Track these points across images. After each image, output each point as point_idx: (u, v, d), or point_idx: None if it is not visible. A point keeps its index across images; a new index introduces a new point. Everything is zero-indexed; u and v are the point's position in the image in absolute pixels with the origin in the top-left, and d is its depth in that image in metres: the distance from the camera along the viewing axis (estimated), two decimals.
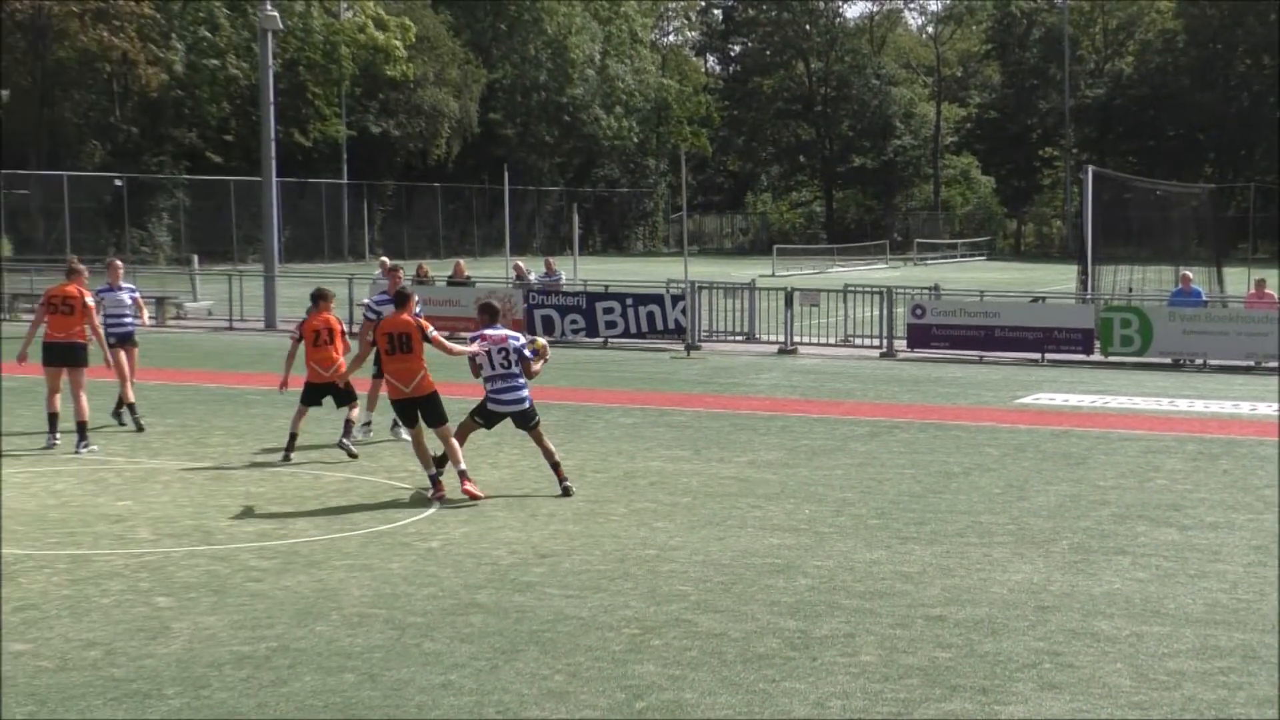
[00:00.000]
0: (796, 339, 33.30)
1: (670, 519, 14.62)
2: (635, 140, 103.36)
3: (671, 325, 33.65)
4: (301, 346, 18.19)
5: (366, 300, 21.80)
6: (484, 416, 16.14)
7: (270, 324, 37.96)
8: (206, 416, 21.40)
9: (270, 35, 41.10)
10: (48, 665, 9.70)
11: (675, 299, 33.94)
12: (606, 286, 37.28)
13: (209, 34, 70.85)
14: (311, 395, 18.01)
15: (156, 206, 70.17)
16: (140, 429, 19.92)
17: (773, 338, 34.05)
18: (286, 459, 17.55)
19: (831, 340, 33.88)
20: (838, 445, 19.47)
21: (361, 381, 18.59)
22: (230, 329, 37.80)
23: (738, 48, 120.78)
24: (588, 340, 34.25)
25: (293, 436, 17.84)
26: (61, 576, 12.01)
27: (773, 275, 60.99)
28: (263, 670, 9.66)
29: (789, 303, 33.31)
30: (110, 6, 65.92)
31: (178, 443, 19.04)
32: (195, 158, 73.11)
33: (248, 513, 14.71)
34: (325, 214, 78.68)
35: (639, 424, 21.33)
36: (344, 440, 17.85)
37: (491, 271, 51.81)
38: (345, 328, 18.86)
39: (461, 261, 40.41)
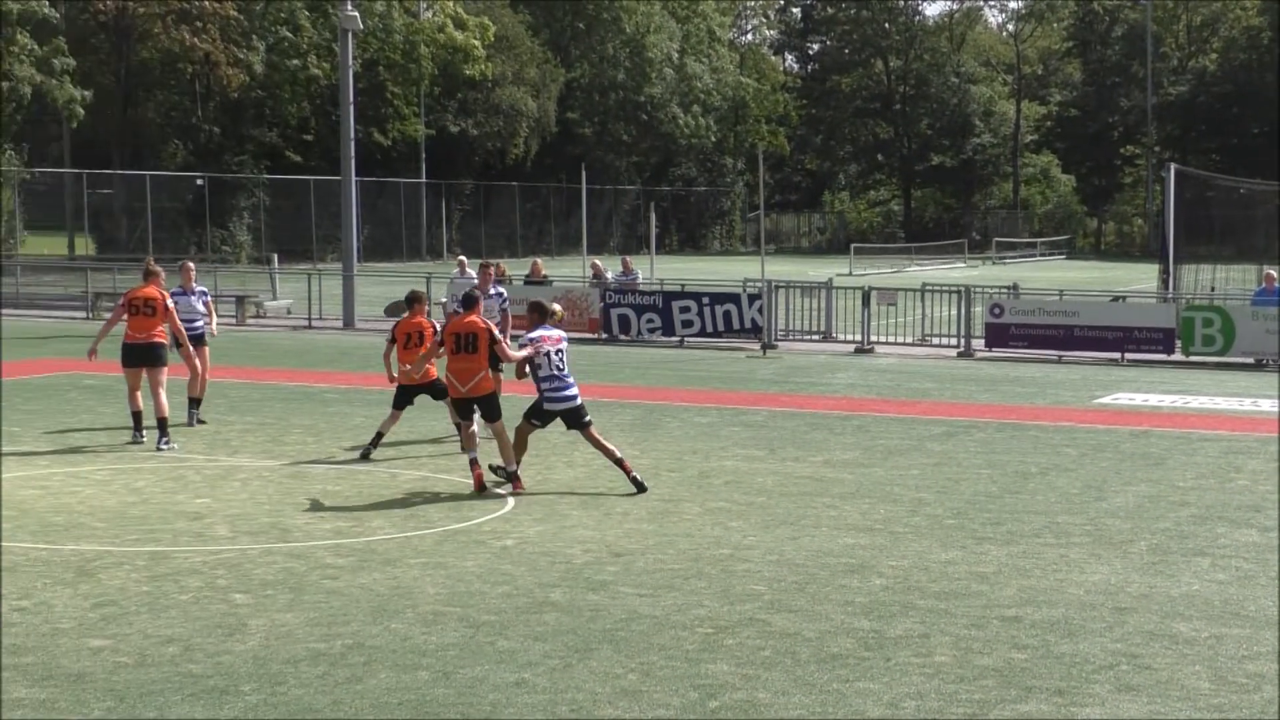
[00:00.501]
0: (873, 338, 33.17)
1: (745, 518, 14.59)
2: (712, 139, 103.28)
3: (748, 324, 33.59)
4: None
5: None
6: (539, 417, 16.29)
7: (349, 323, 38.19)
8: (285, 415, 21.55)
9: (350, 35, 41.35)
10: (126, 661, 9.80)
11: (752, 298, 33.88)
12: (683, 285, 37.26)
13: (290, 34, 71.40)
14: (403, 397, 18.12)
15: (237, 206, 70.80)
16: (193, 424, 20.00)
17: (849, 337, 33.93)
18: (366, 457, 17.65)
19: (908, 339, 33.73)
20: (914, 445, 19.37)
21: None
22: (309, 328, 38.05)
23: (816, 46, 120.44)
24: (664, 339, 34.25)
25: (379, 435, 17.97)
26: (141, 573, 12.13)
27: (850, 274, 60.78)
28: (338, 667, 9.72)
29: (866, 302, 33.18)
30: (193, 7, 66.57)
31: (256, 441, 19.19)
32: (275, 157, 73.71)
33: (324, 511, 14.80)
34: (403, 213, 79.11)
35: (714, 423, 21.30)
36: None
37: (568, 271, 51.93)
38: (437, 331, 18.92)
39: (538, 260, 40.51)
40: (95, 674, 9.52)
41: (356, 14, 41.85)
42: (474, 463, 15.96)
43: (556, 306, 17.37)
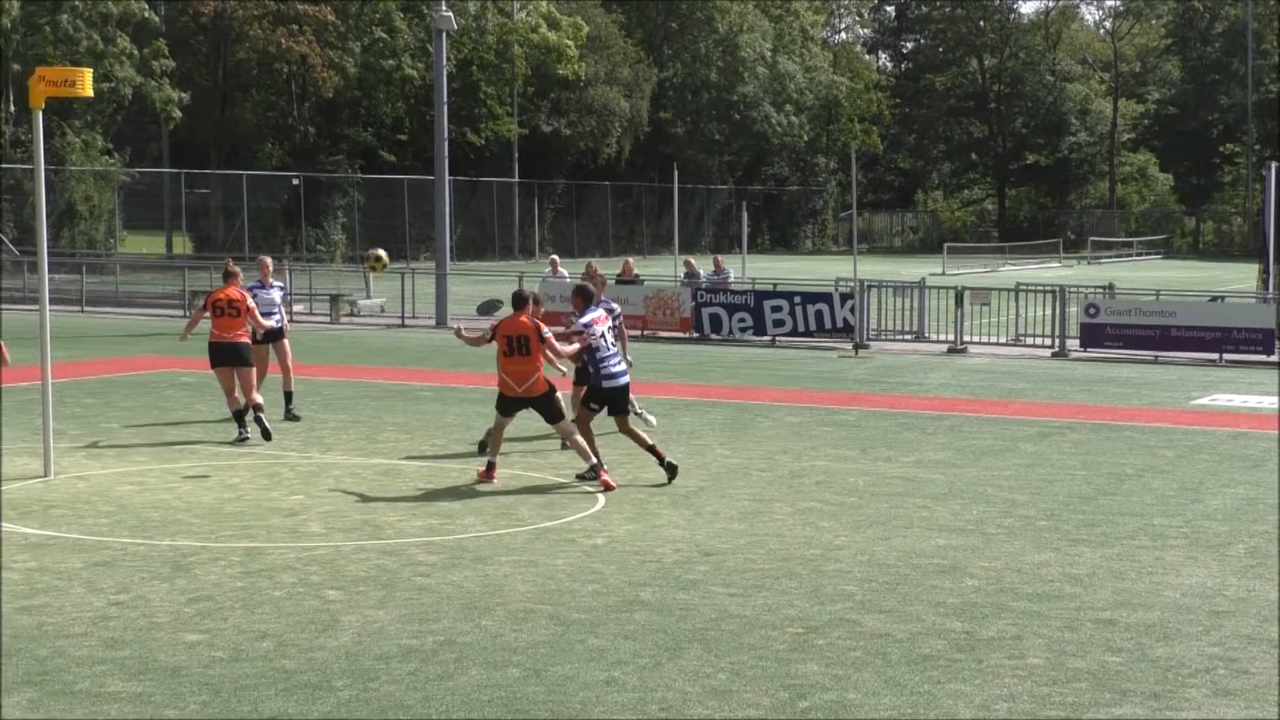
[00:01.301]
0: (966, 338, 32.96)
1: (835, 518, 14.54)
2: (805, 138, 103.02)
3: (840, 324, 33.46)
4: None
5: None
6: (598, 400, 16.50)
7: (441, 321, 38.37)
8: (378, 413, 21.70)
9: (444, 35, 41.56)
10: (221, 655, 9.90)
11: (844, 297, 33.75)
12: (775, 285, 37.18)
13: (385, 35, 71.91)
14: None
15: (331, 205, 71.37)
16: (244, 428, 19.66)
17: (942, 337, 33.73)
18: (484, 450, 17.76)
19: (1002, 339, 33.48)
20: (1007, 446, 19.22)
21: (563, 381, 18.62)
22: (402, 326, 38.29)
23: (910, 44, 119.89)
24: (755, 339, 34.19)
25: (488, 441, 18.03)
26: (236, 569, 12.25)
27: (943, 274, 60.40)
28: (429, 664, 9.77)
29: (959, 301, 32.97)
30: (289, 9, 67.18)
31: (349, 438, 19.33)
32: (369, 157, 74.24)
33: (416, 508, 14.89)
34: (496, 212, 79.45)
35: (805, 423, 21.24)
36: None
37: (660, 270, 51.94)
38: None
39: (630, 260, 40.54)
40: (191, 668, 9.62)
41: (451, 14, 42.06)
42: (491, 466, 16.24)
43: (381, 253, 17.65)
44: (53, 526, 13.77)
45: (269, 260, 22.35)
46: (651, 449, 16.33)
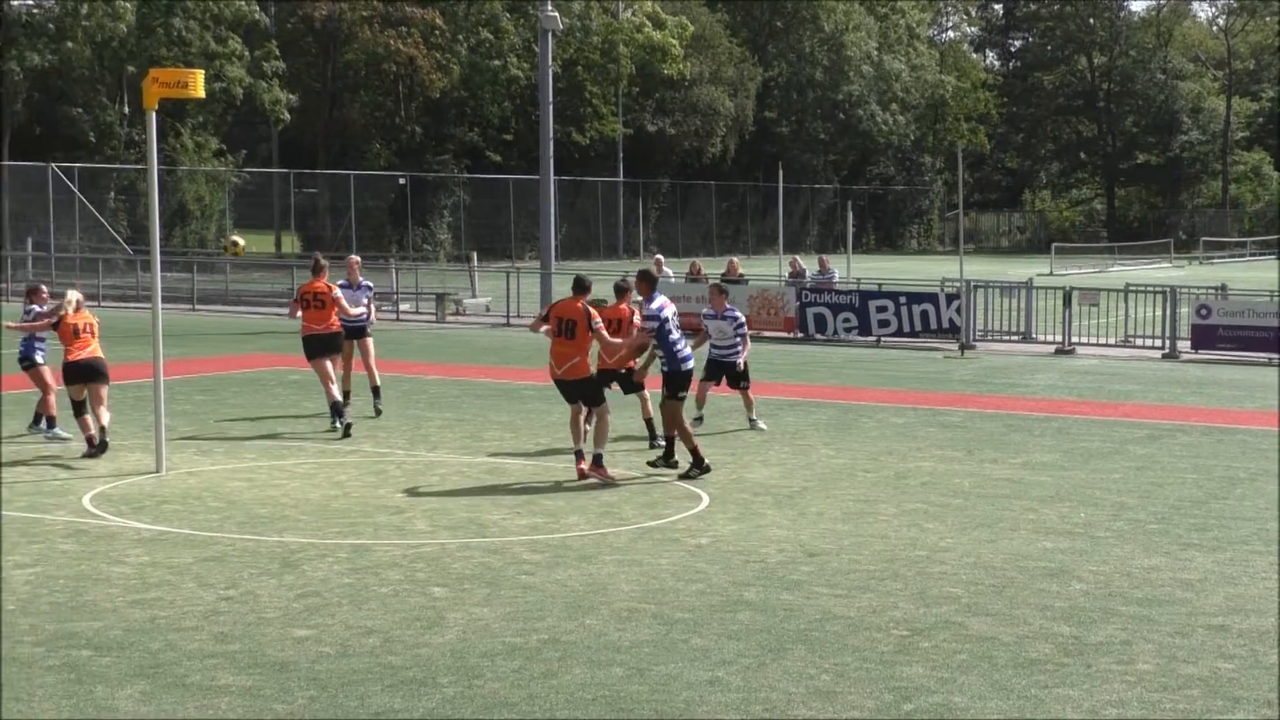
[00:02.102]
0: (1074, 339, 32.62)
1: (941, 520, 14.44)
2: (911, 137, 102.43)
3: (945, 324, 33.25)
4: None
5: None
6: (684, 386, 16.71)
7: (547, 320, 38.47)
8: (483, 411, 21.81)
9: (550, 35, 41.73)
10: (329, 651, 9.98)
11: (950, 298, 33.52)
12: (880, 285, 37.00)
13: (491, 36, 72.29)
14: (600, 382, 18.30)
15: (438, 205, 71.84)
16: (336, 418, 19.94)
17: (1050, 338, 33.41)
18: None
19: (1111, 340, 33.10)
20: (1116, 448, 19.00)
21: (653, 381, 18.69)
22: (507, 325, 38.46)
23: (1018, 43, 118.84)
24: (860, 339, 34.03)
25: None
26: (343, 565, 12.35)
27: (1050, 274, 59.85)
28: (533, 662, 9.80)
29: (1067, 302, 32.64)
30: (396, 11, 67.70)
31: (455, 436, 19.44)
32: (475, 156, 74.65)
33: (521, 506, 14.95)
34: (600, 212, 79.65)
35: (911, 424, 21.11)
36: (656, 443, 18.16)
37: (764, 270, 51.83)
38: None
39: (735, 259, 40.51)
40: (299, 663, 9.71)
41: (556, 14, 42.22)
42: (578, 455, 16.38)
43: (238, 238, 18.22)
44: (164, 522, 13.96)
45: (356, 260, 22.59)
46: (654, 435, 16.91)
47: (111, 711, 8.78)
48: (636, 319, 17.28)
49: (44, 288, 19.55)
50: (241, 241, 18.50)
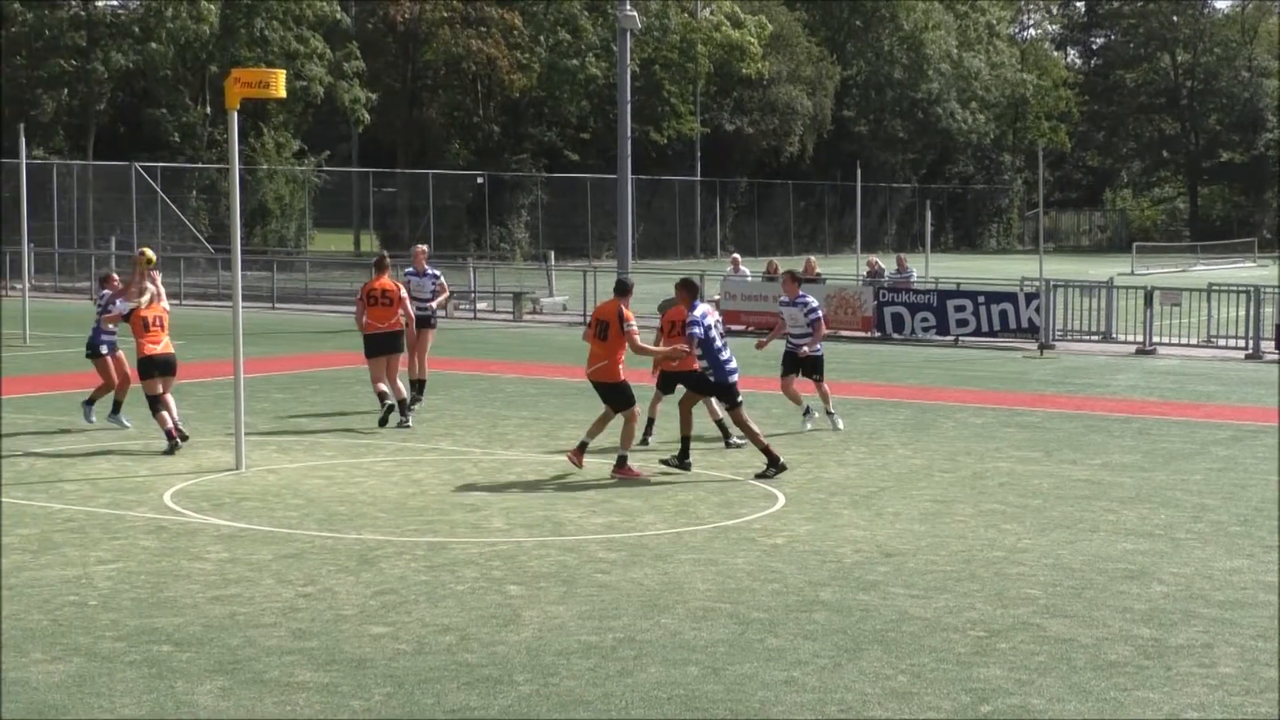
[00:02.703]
0: (1155, 339, 32.33)
1: (1019, 521, 14.34)
2: (991, 136, 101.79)
3: (1024, 324, 33.03)
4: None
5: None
6: (735, 392, 16.78)
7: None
8: (560, 410, 21.86)
9: (628, 34, 41.76)
10: (405, 648, 10.03)
11: (1029, 297, 33.30)
12: (958, 284, 36.81)
13: (569, 36, 72.44)
14: (666, 383, 18.37)
15: (515, 204, 72.07)
16: (406, 415, 20.07)
17: (1130, 338, 33.12)
18: (644, 443, 18.08)
19: (1193, 340, 32.76)
20: (1197, 449, 18.81)
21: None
22: (584, 324, 38.47)
23: (1100, 40, 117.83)
24: (938, 338, 33.87)
25: (650, 421, 18.45)
26: (420, 562, 12.41)
27: (1131, 273, 59.33)
28: (609, 660, 9.81)
29: (1148, 302, 32.35)
30: (475, 11, 67.97)
31: (532, 435, 19.50)
32: (553, 155, 74.83)
33: (597, 505, 14.97)
34: (678, 211, 79.64)
35: (989, 424, 20.99)
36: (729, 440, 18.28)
37: (842, 269, 51.66)
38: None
39: (812, 258, 40.38)
40: (375, 660, 9.77)
41: (635, 14, 42.25)
42: (581, 447, 16.63)
43: (149, 252, 18.80)
44: (244, 519, 14.07)
45: (423, 248, 22.94)
46: (686, 440, 16.75)
47: (191, 706, 8.86)
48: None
49: (115, 275, 19.96)
50: (150, 253, 18.96)
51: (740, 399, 16.84)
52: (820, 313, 20.17)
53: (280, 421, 20.32)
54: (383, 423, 19.70)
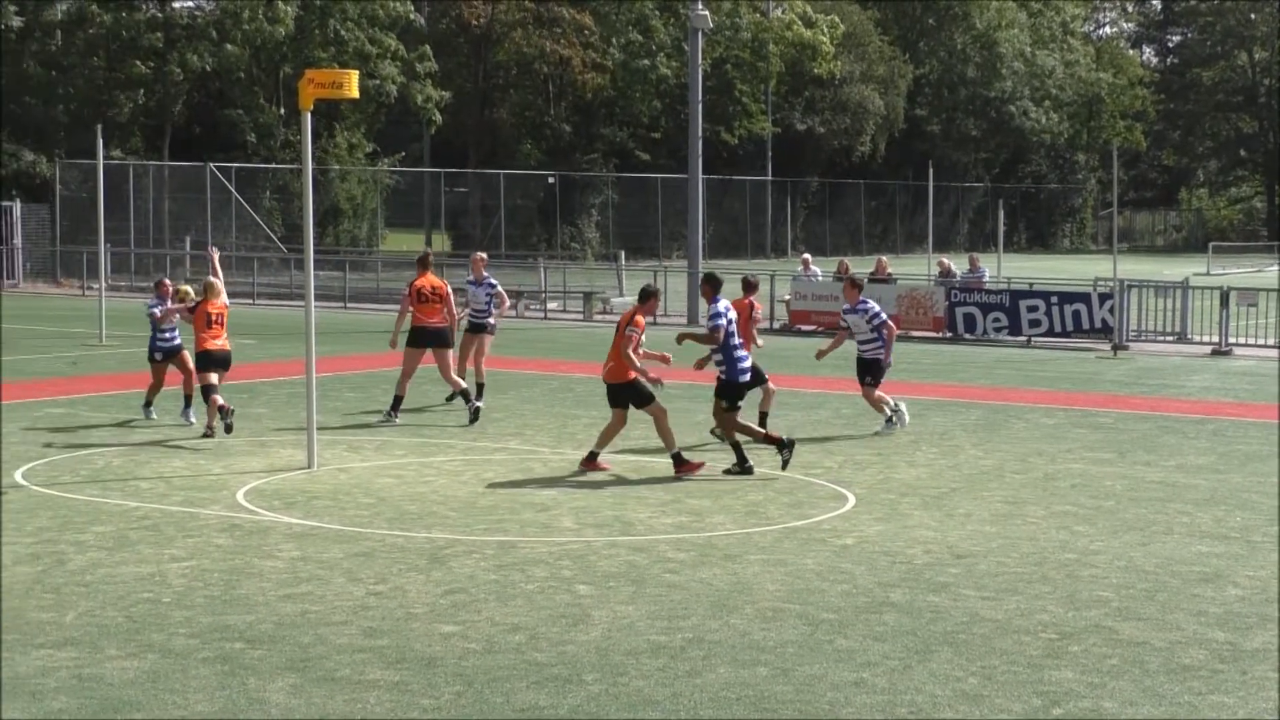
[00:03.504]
0: (1231, 339, 32.01)
1: (1091, 523, 14.24)
2: (1065, 135, 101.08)
3: (1098, 324, 32.79)
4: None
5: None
6: (739, 394, 16.79)
7: (693, 319, 38.52)
8: (629, 410, 21.81)
9: (700, 34, 41.73)
10: (475, 647, 10.07)
11: (1103, 297, 33.06)
12: (1031, 284, 36.59)
13: (639, 36, 72.49)
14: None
15: (586, 204, 72.18)
16: (472, 411, 20.42)
17: (1206, 338, 32.80)
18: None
19: (1270, 341, 32.39)
20: (1274, 451, 18.59)
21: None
22: (654, 324, 38.43)
23: (1176, 38, 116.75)
24: (1010, 338, 33.67)
25: (763, 415, 18.80)
26: (489, 562, 12.45)
27: (1207, 273, 58.77)
28: (678, 660, 9.81)
29: (1224, 302, 32.03)
30: (546, 11, 68.14)
31: (598, 435, 19.47)
32: (624, 155, 74.90)
33: (666, 505, 14.97)
34: (748, 211, 79.54)
35: (1061, 425, 20.84)
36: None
37: (913, 269, 51.45)
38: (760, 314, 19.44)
39: (883, 258, 40.24)
40: (445, 659, 9.81)
41: (706, 13, 42.22)
42: (592, 456, 16.72)
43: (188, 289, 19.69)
44: (315, 517, 14.16)
45: (482, 256, 23.14)
46: (767, 438, 16.76)
47: (263, 704, 8.93)
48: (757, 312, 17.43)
49: (168, 282, 20.65)
50: (189, 290, 20.04)
51: (740, 405, 16.78)
52: (884, 316, 20.01)
53: (352, 420, 20.44)
54: (386, 420, 20.14)
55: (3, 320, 34.51)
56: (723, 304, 16.99)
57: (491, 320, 22.09)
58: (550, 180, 68.57)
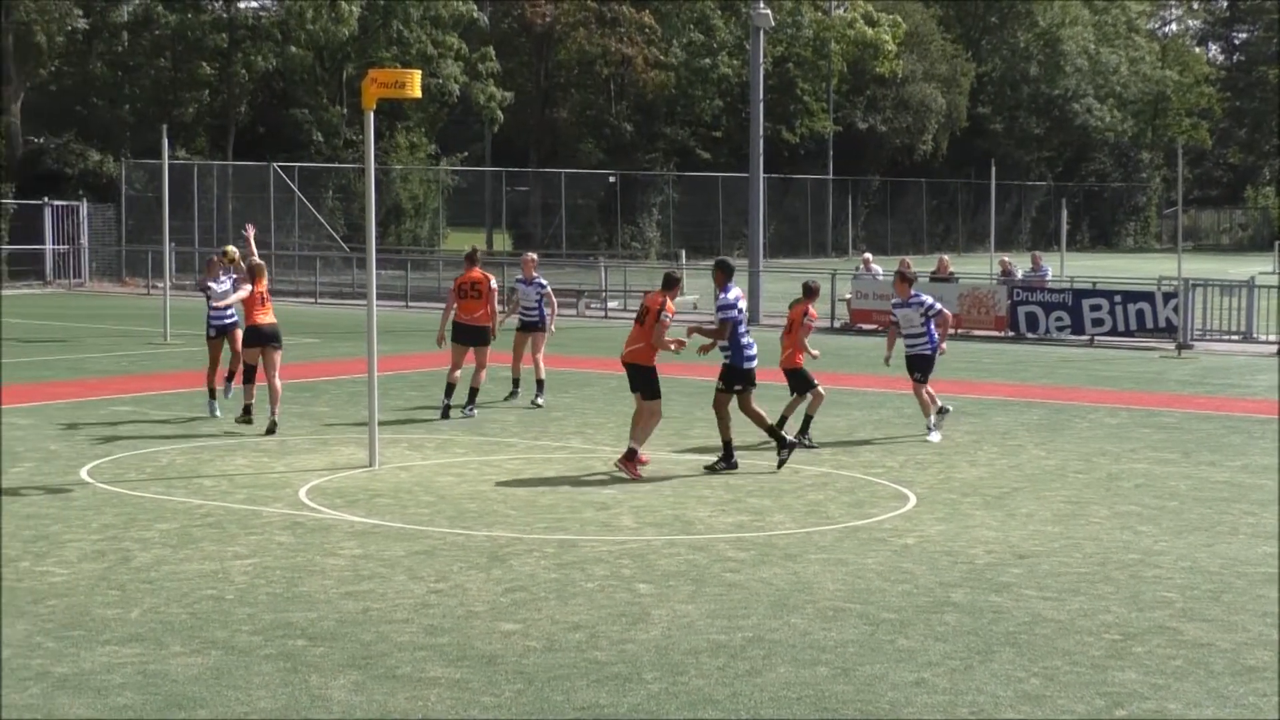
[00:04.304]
0: None
1: (1155, 523, 14.13)
2: (1129, 133, 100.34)
3: (1162, 323, 32.56)
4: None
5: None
6: (739, 380, 16.79)
7: (753, 319, 38.49)
8: (689, 409, 21.86)
9: (761, 33, 41.67)
10: (535, 645, 10.09)
11: (1167, 296, 32.82)
12: (1094, 283, 36.36)
13: (701, 35, 72.46)
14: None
15: (647, 203, 72.21)
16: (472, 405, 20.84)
17: (1271, 337, 32.53)
18: (806, 442, 18.21)
19: None
20: None
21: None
22: (713, 323, 38.42)
23: (1242, 35, 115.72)
24: (1073, 338, 33.48)
25: (783, 418, 18.48)
26: (550, 560, 12.47)
27: (1273, 272, 58.20)
28: (738, 659, 9.80)
29: None
30: (608, 11, 68.21)
31: (660, 434, 19.44)
32: (685, 154, 74.89)
33: (726, 504, 14.96)
34: (809, 210, 79.38)
35: (1125, 424, 20.70)
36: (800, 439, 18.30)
37: (975, 268, 51.21)
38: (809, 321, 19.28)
39: (945, 257, 40.06)
40: (506, 657, 9.83)
41: (768, 12, 42.15)
42: (631, 454, 16.46)
43: (231, 250, 20.08)
44: (377, 515, 14.23)
45: (533, 257, 23.35)
46: (771, 430, 16.75)
47: (325, 701, 8.97)
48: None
49: (216, 258, 21.22)
50: (232, 250, 20.60)
51: (738, 388, 16.78)
52: (939, 307, 19.77)
53: (413, 419, 20.52)
54: (445, 415, 20.43)
55: (38, 321, 34.82)
56: (733, 293, 17.03)
57: (543, 318, 22.17)
58: (611, 179, 68.63)
